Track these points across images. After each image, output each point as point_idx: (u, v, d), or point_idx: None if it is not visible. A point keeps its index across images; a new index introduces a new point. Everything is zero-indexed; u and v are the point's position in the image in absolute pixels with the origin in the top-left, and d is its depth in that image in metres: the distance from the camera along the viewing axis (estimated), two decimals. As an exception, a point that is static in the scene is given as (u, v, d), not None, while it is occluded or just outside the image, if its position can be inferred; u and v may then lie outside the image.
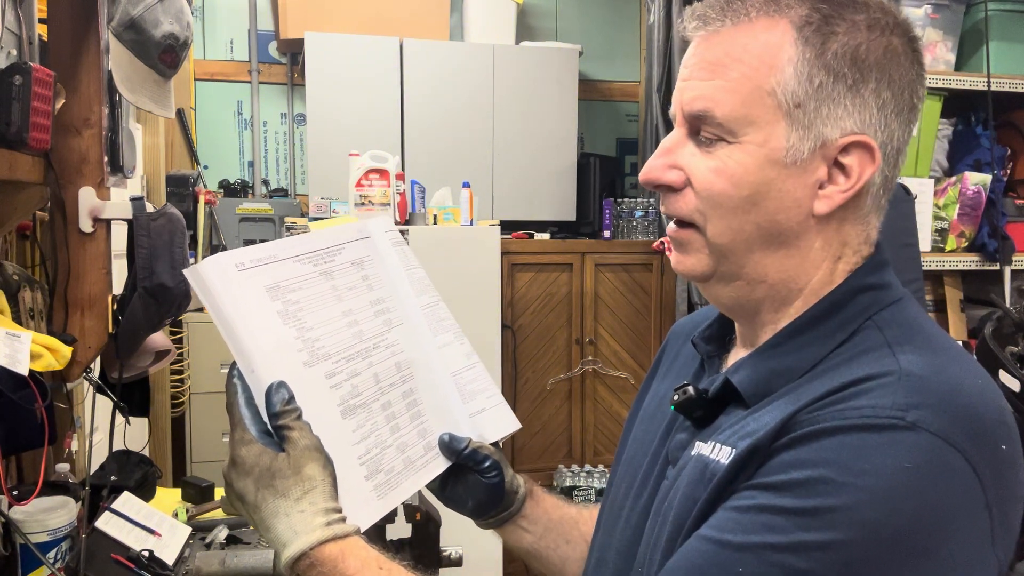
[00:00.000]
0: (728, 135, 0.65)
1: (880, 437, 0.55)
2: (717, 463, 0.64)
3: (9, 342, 1.05)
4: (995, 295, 2.88)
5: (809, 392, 0.62)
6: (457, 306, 3.61)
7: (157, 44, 1.36)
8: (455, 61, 3.60)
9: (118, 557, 1.33)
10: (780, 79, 0.63)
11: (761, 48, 0.63)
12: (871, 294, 0.67)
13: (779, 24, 0.63)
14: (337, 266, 0.84)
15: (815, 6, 0.63)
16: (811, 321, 0.67)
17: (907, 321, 0.66)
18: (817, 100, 0.63)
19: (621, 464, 0.84)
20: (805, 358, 0.65)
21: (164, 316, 1.47)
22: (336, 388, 0.79)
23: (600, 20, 4.28)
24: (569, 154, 3.76)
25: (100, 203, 1.37)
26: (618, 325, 3.53)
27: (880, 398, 0.57)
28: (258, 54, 3.88)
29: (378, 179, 2.92)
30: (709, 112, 0.65)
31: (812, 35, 0.63)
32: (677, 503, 0.67)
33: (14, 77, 1.14)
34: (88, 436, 1.72)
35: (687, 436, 0.72)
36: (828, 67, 0.63)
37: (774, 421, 0.61)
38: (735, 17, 0.65)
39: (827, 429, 0.57)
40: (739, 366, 0.70)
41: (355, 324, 0.83)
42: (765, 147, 0.64)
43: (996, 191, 3.22)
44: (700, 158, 0.66)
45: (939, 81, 3.29)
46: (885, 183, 0.68)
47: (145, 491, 1.71)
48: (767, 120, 0.64)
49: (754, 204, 0.65)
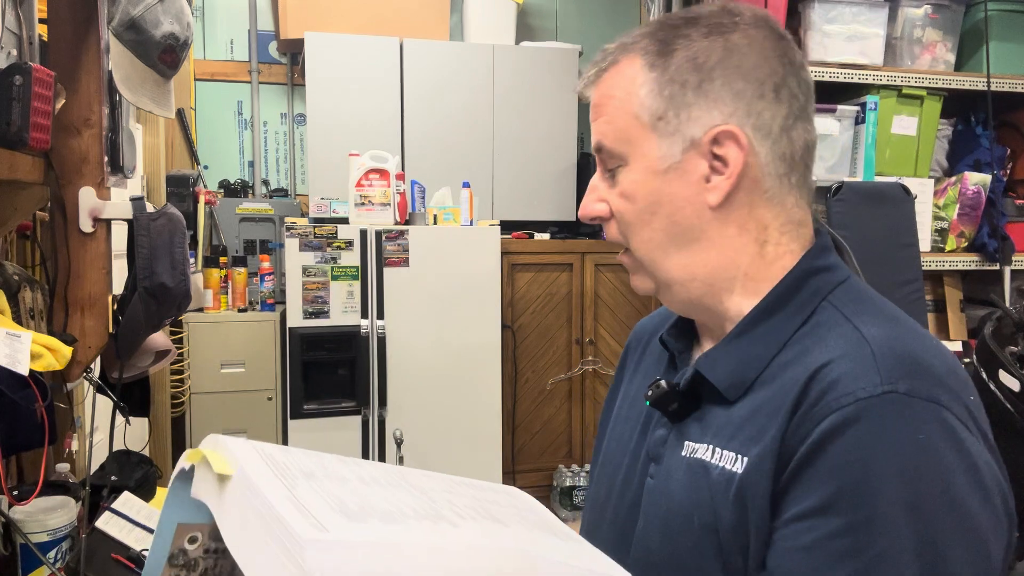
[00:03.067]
0: (620, 160, 0.74)
1: (885, 419, 0.60)
2: (729, 471, 0.67)
3: (9, 342, 1.05)
4: (995, 295, 2.88)
5: (791, 380, 0.66)
6: (457, 306, 3.61)
7: (157, 44, 1.36)
8: (455, 61, 3.60)
9: (118, 557, 1.33)
10: (639, 101, 0.72)
11: (623, 82, 0.74)
12: (820, 276, 0.72)
13: (633, 60, 0.73)
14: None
15: (655, 36, 0.73)
16: (768, 308, 0.72)
17: (858, 296, 0.71)
18: (675, 108, 0.71)
19: (599, 466, 0.87)
20: (770, 343, 0.70)
21: (164, 316, 1.47)
22: None
23: (600, 20, 4.28)
24: (569, 154, 3.76)
25: (100, 203, 1.37)
26: (618, 325, 3.53)
27: (866, 376, 0.62)
28: (258, 54, 3.88)
29: (378, 179, 2.92)
30: (602, 145, 0.75)
31: (655, 59, 0.72)
32: (685, 509, 0.69)
33: (14, 77, 1.15)
34: (88, 436, 1.72)
35: (666, 432, 0.75)
36: (674, 79, 0.71)
37: (774, 426, 0.65)
38: (603, 65, 0.76)
39: (836, 429, 0.61)
40: (706, 358, 0.74)
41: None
42: (645, 161, 0.72)
43: (996, 191, 3.23)
44: (612, 188, 0.76)
45: (939, 81, 3.29)
46: (784, 159, 0.73)
47: (145, 491, 1.71)
48: (641, 138, 0.72)
49: (653, 213, 0.73)
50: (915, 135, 3.19)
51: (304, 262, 2.83)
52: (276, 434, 3.14)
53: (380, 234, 2.89)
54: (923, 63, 3.26)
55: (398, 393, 2.94)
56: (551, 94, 3.71)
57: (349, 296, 2.88)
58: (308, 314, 2.85)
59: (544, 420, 3.45)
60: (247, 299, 3.22)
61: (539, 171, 3.72)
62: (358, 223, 2.89)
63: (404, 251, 2.92)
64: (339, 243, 2.86)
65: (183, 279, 1.44)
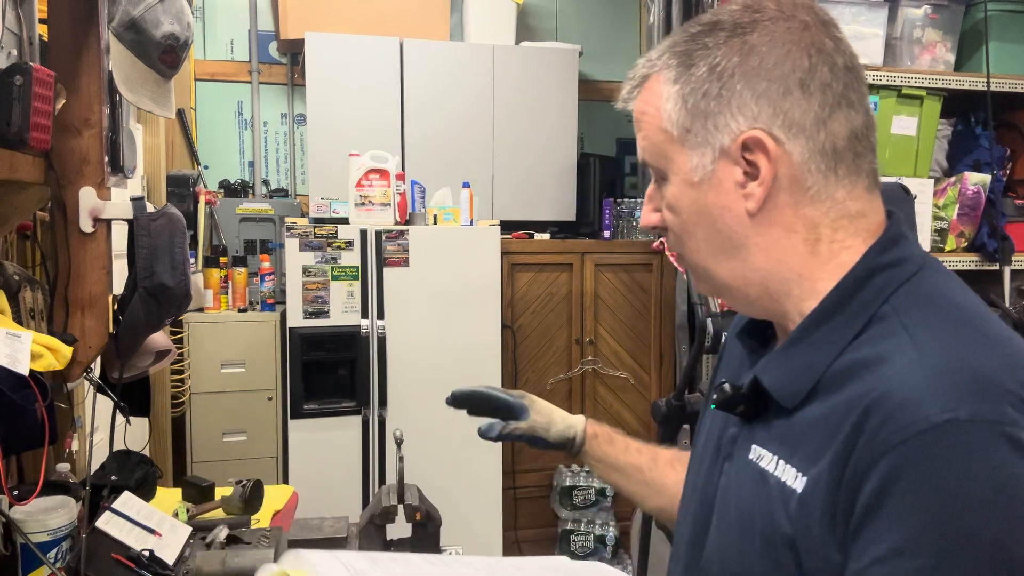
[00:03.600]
0: (661, 175, 0.76)
1: (951, 451, 0.57)
2: (789, 488, 0.66)
3: (10, 342, 1.05)
4: (995, 295, 2.88)
5: (848, 402, 0.63)
6: (457, 306, 3.60)
7: (157, 44, 1.36)
8: (455, 61, 3.60)
9: (118, 557, 1.33)
10: (667, 116, 0.73)
11: (652, 97, 0.75)
12: (886, 274, 0.68)
13: (658, 76, 0.75)
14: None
15: (673, 51, 0.74)
16: (827, 311, 0.69)
17: (925, 297, 0.67)
18: (700, 119, 0.72)
19: (693, 457, 0.89)
20: (826, 350, 0.67)
21: (164, 316, 1.47)
22: None
23: (600, 20, 4.28)
24: (569, 154, 3.76)
25: (100, 203, 1.37)
26: (618, 325, 3.53)
27: (925, 402, 0.59)
28: (258, 54, 3.88)
29: (378, 179, 2.92)
30: (645, 160, 0.77)
31: (678, 72, 0.73)
32: (749, 514, 0.70)
33: (15, 77, 1.15)
34: (88, 436, 1.73)
35: (737, 431, 0.76)
36: (695, 90, 0.72)
37: (830, 452, 0.63)
38: (635, 84, 0.78)
39: (899, 467, 0.58)
40: (766, 363, 0.73)
41: None
42: (681, 174, 0.74)
43: (996, 191, 3.22)
44: (663, 200, 0.77)
45: (939, 81, 3.29)
46: (824, 154, 0.70)
47: (145, 491, 1.71)
48: (674, 152, 0.74)
49: (696, 224, 0.74)
50: (915, 135, 3.19)
51: (304, 262, 2.83)
52: (276, 434, 3.14)
53: (380, 234, 2.89)
54: (923, 63, 3.26)
55: (398, 393, 2.94)
56: (551, 94, 3.71)
57: (349, 296, 2.88)
58: (308, 314, 2.85)
59: (544, 420, 3.45)
60: (247, 299, 3.22)
61: (539, 171, 3.72)
62: (358, 223, 2.89)
63: (404, 251, 2.92)
64: (339, 243, 2.86)
65: (183, 279, 1.44)
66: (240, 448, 3.11)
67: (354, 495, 2.92)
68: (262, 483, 1.83)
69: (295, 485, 2.53)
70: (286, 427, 2.91)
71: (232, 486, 1.80)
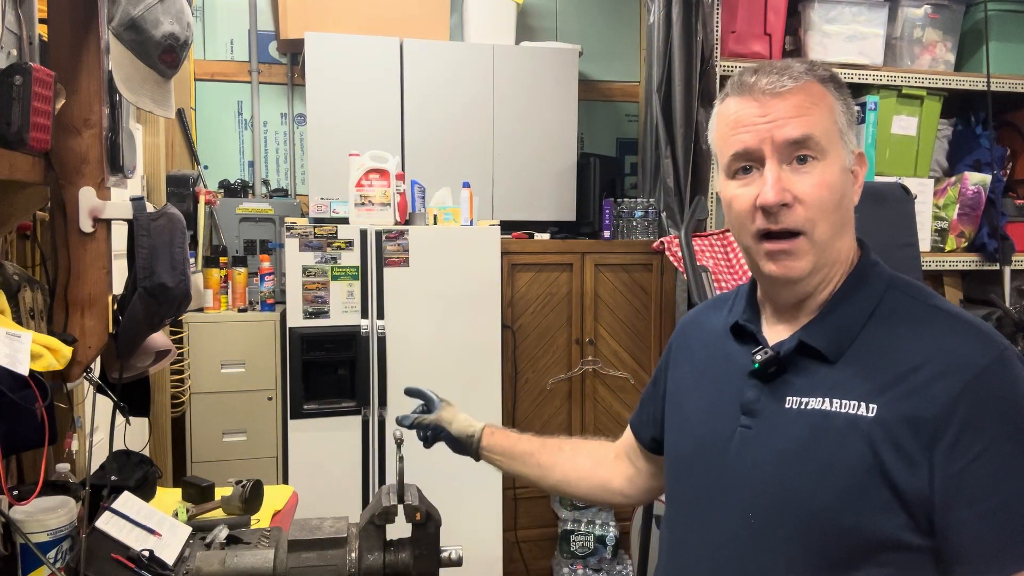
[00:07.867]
0: (820, 153, 0.93)
1: (1014, 370, 0.86)
2: (855, 415, 0.88)
3: (9, 342, 1.05)
4: (995, 295, 2.88)
5: (892, 350, 0.91)
6: (457, 306, 3.60)
7: (157, 44, 1.36)
8: (455, 61, 3.60)
9: (118, 557, 1.33)
10: (836, 116, 0.96)
11: (822, 95, 0.96)
12: (877, 268, 0.99)
13: (821, 87, 0.96)
14: None
15: (828, 75, 0.98)
16: (846, 293, 0.97)
17: (908, 283, 0.98)
18: (849, 130, 0.97)
19: (677, 432, 1.10)
20: (857, 316, 0.95)
21: (164, 316, 1.47)
22: None
23: (600, 20, 4.28)
24: (569, 154, 3.76)
25: (100, 203, 1.37)
26: (618, 325, 3.53)
27: (978, 346, 0.87)
28: (258, 54, 3.88)
29: (378, 179, 2.92)
30: (812, 136, 0.93)
31: (836, 91, 0.97)
32: (799, 452, 0.90)
33: (14, 77, 1.15)
34: (88, 436, 1.72)
35: (756, 392, 0.98)
36: (848, 111, 0.98)
37: (903, 383, 0.87)
38: (796, 81, 0.95)
39: (977, 395, 0.84)
40: (806, 331, 0.96)
41: None
42: (839, 160, 0.95)
43: (996, 191, 3.22)
44: (799, 178, 0.93)
45: (939, 81, 3.29)
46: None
47: (145, 491, 1.71)
48: (837, 142, 0.95)
49: (839, 203, 0.94)
50: (915, 135, 3.19)
51: (304, 262, 2.83)
52: (276, 434, 3.14)
53: (380, 234, 2.89)
54: (923, 63, 3.26)
55: (398, 393, 2.93)
56: (551, 94, 3.71)
57: (349, 296, 2.88)
58: (308, 314, 2.85)
59: (544, 420, 3.44)
60: (247, 299, 3.21)
61: (539, 171, 3.72)
62: (358, 223, 2.89)
63: (404, 251, 2.92)
64: (339, 243, 2.86)
65: (183, 279, 1.44)
66: (240, 448, 3.11)
67: (354, 495, 2.92)
68: (262, 483, 1.83)
69: (295, 485, 2.53)
70: (286, 427, 2.90)
71: (232, 486, 1.81)
